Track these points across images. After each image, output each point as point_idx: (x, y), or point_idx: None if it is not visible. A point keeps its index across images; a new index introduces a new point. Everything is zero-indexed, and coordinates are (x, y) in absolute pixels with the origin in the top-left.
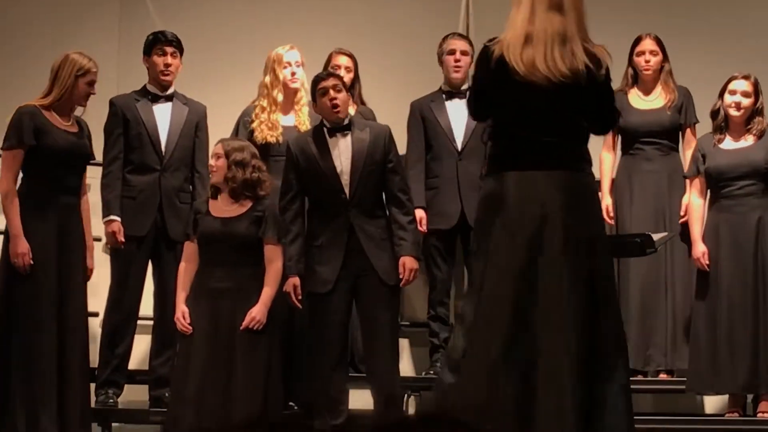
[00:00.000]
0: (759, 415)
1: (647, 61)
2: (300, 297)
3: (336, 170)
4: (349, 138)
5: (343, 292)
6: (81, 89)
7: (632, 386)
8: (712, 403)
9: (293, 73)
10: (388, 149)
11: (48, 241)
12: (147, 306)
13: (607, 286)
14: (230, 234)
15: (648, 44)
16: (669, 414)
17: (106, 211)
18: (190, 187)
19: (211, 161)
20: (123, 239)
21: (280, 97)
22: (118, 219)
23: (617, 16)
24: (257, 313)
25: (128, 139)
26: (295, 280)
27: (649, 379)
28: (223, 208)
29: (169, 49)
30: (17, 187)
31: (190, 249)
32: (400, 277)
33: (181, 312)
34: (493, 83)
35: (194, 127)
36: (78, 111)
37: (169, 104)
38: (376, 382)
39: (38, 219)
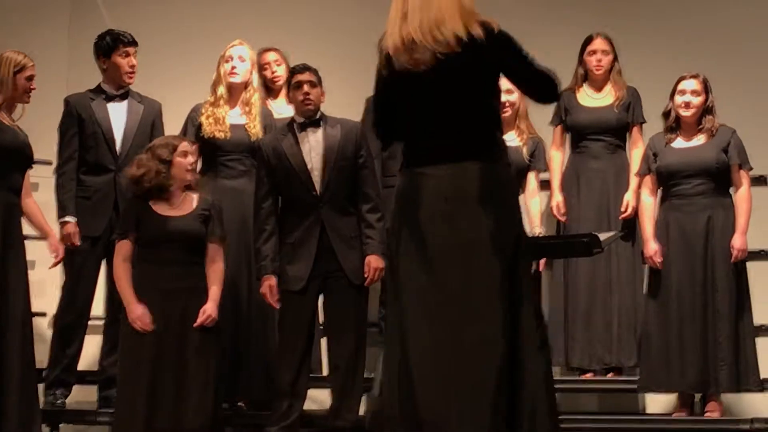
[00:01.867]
0: (707, 414)
1: (599, 61)
2: (277, 297)
3: (306, 166)
4: (320, 133)
5: (312, 290)
6: (21, 85)
7: (579, 386)
8: (657, 404)
9: (233, 68)
10: (359, 145)
11: None
12: (96, 306)
13: (521, 283)
14: (181, 233)
15: (599, 44)
16: (616, 413)
17: (62, 211)
18: None
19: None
20: (78, 242)
21: (221, 90)
22: (74, 220)
23: (568, 15)
24: (211, 310)
25: (83, 138)
26: (272, 281)
27: (597, 378)
28: (166, 206)
29: (131, 50)
30: None
31: (128, 247)
32: (365, 276)
33: (140, 312)
34: (386, 82)
35: (150, 125)
36: (18, 111)
37: (125, 103)
38: (337, 382)
39: None
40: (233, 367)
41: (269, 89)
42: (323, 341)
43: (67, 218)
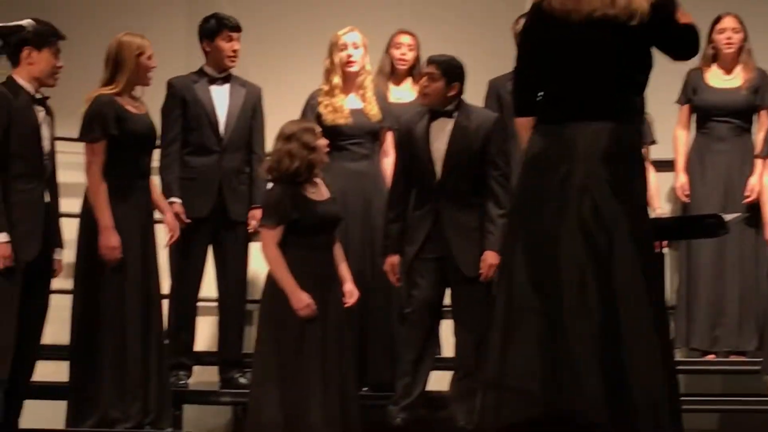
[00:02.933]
0: None
1: (729, 38)
2: (398, 276)
3: (431, 155)
4: (451, 123)
5: (425, 273)
6: (143, 67)
7: (702, 367)
8: None
9: (349, 56)
10: (486, 139)
11: (134, 230)
12: (210, 288)
13: (639, 257)
14: (334, 216)
15: (729, 22)
16: (740, 395)
17: (167, 192)
18: (248, 168)
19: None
20: (185, 221)
21: (336, 80)
22: (179, 200)
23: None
24: (355, 290)
25: (187, 120)
26: (393, 259)
27: (720, 360)
28: (312, 192)
29: (235, 35)
30: None
31: (280, 234)
32: (480, 271)
33: (308, 299)
34: (539, 31)
35: (251, 109)
36: (137, 93)
37: (227, 86)
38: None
39: (123, 208)
40: (359, 350)
41: (393, 71)
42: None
43: (173, 199)
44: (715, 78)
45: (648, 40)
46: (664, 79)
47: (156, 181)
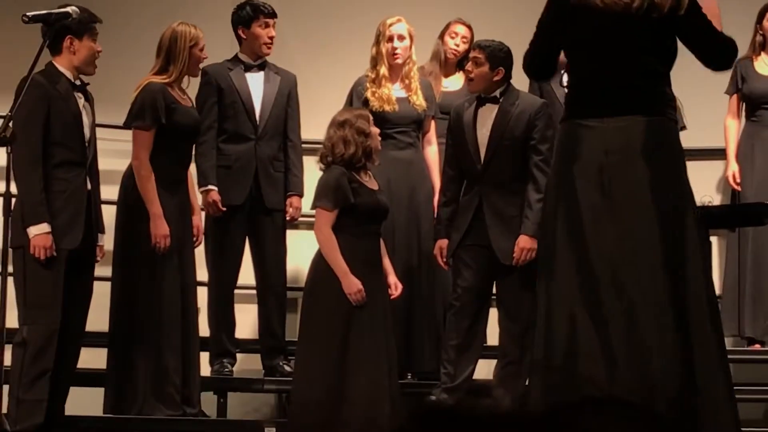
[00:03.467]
0: None
1: None
2: (445, 260)
3: (477, 140)
4: (495, 111)
5: (467, 261)
6: (196, 58)
7: (751, 356)
8: None
9: (395, 48)
10: (531, 125)
11: (174, 220)
12: (249, 276)
13: (686, 250)
14: (386, 207)
15: None
16: None
17: (203, 180)
18: (283, 155)
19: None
20: (222, 208)
21: (383, 70)
22: (216, 188)
23: None
24: (398, 282)
25: (222, 108)
26: (443, 243)
27: (764, 349)
28: (366, 180)
29: (271, 22)
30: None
31: (334, 218)
32: (514, 256)
33: (359, 285)
34: (564, 19)
35: (287, 96)
36: (184, 83)
37: (261, 73)
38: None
39: (166, 198)
40: (405, 338)
41: (445, 59)
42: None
43: (210, 186)
44: (764, 66)
45: (679, 33)
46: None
47: (192, 171)
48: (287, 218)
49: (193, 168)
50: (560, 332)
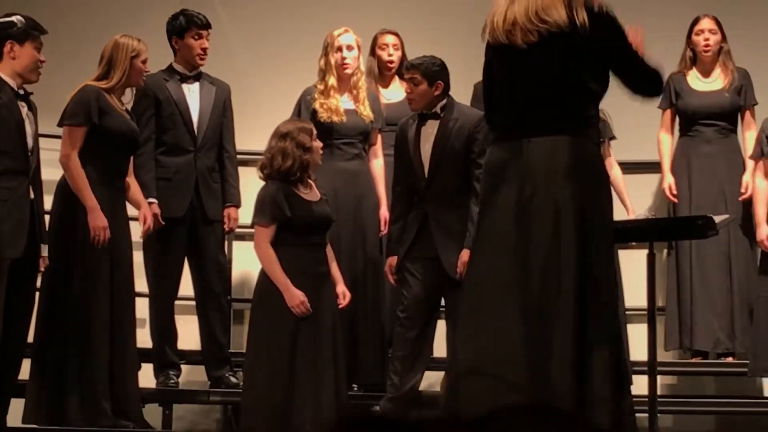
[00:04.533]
0: None
1: (706, 40)
2: (396, 277)
3: (420, 156)
4: (436, 126)
5: (414, 274)
6: (137, 69)
7: (695, 368)
8: None
9: (344, 58)
10: (471, 138)
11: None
12: (188, 287)
13: (597, 265)
14: (327, 216)
15: (706, 23)
16: (733, 397)
17: (144, 193)
18: (219, 167)
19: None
20: (161, 222)
21: (332, 81)
22: (156, 201)
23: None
24: (347, 291)
25: (160, 119)
26: (393, 261)
27: (711, 361)
28: (306, 192)
29: (204, 33)
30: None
31: (273, 233)
32: (457, 270)
33: (302, 297)
34: (489, 57)
35: (222, 107)
36: (127, 94)
37: (197, 84)
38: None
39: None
40: (350, 349)
41: (381, 73)
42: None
43: (150, 199)
44: (697, 81)
45: (597, 54)
46: None
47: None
48: (226, 229)
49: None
50: (482, 340)
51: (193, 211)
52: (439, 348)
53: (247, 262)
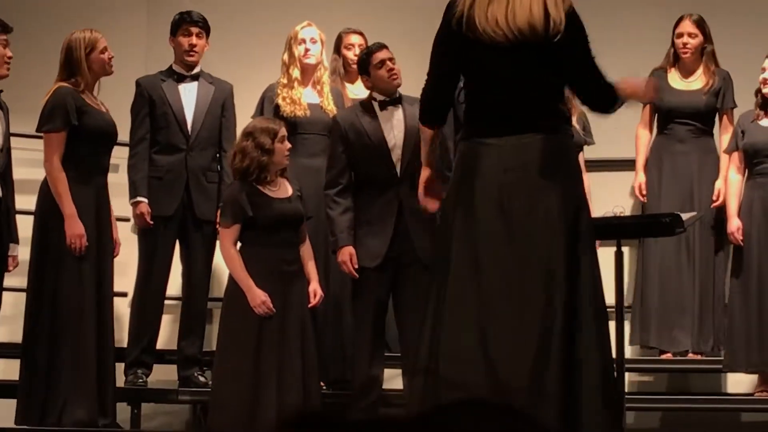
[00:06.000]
0: None
1: (685, 44)
2: (356, 267)
3: (387, 145)
4: (400, 112)
5: (388, 269)
6: (97, 62)
7: (660, 366)
8: (740, 384)
9: (307, 50)
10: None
11: (87, 224)
12: (173, 286)
13: (581, 262)
14: (294, 213)
15: (686, 26)
16: (698, 394)
17: (134, 191)
18: (218, 166)
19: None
20: (151, 221)
21: (296, 73)
22: (145, 200)
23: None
24: (319, 289)
25: (154, 119)
26: (351, 249)
27: (678, 359)
28: (273, 189)
29: (194, 30)
30: None
31: (237, 233)
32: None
33: (263, 297)
34: (456, 45)
35: (221, 106)
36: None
37: (195, 84)
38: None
39: (79, 203)
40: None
41: (346, 71)
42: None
43: (139, 198)
44: (677, 80)
45: (564, 50)
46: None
47: (123, 180)
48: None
49: (124, 179)
50: (445, 338)
51: (183, 210)
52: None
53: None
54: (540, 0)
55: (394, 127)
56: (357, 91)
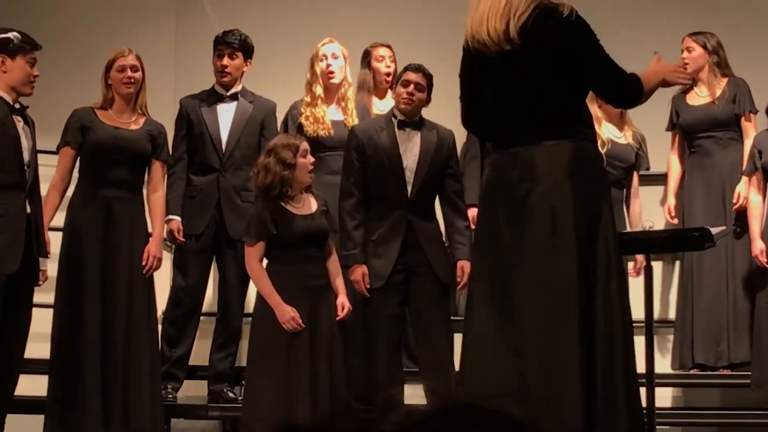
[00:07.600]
0: None
1: (683, 58)
2: (367, 287)
3: (402, 165)
4: (418, 136)
5: (396, 286)
6: (115, 78)
7: (697, 381)
8: None
9: (329, 66)
10: (450, 153)
11: (91, 241)
12: (207, 302)
13: (603, 270)
14: (318, 229)
15: (684, 42)
16: (736, 408)
17: (167, 210)
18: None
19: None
20: (182, 238)
21: (319, 91)
22: (178, 218)
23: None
24: (347, 303)
25: (192, 139)
26: (364, 269)
27: (711, 374)
28: (297, 206)
29: (226, 50)
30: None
31: (263, 250)
32: (458, 280)
33: (292, 312)
34: (467, 62)
35: (259, 125)
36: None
37: (234, 104)
38: (429, 380)
39: (80, 217)
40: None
41: (376, 86)
42: None
43: (171, 216)
44: (695, 96)
45: (564, 53)
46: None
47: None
48: None
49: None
50: (470, 359)
51: (215, 228)
52: None
53: None
54: (523, 12)
55: (409, 149)
56: (383, 106)
